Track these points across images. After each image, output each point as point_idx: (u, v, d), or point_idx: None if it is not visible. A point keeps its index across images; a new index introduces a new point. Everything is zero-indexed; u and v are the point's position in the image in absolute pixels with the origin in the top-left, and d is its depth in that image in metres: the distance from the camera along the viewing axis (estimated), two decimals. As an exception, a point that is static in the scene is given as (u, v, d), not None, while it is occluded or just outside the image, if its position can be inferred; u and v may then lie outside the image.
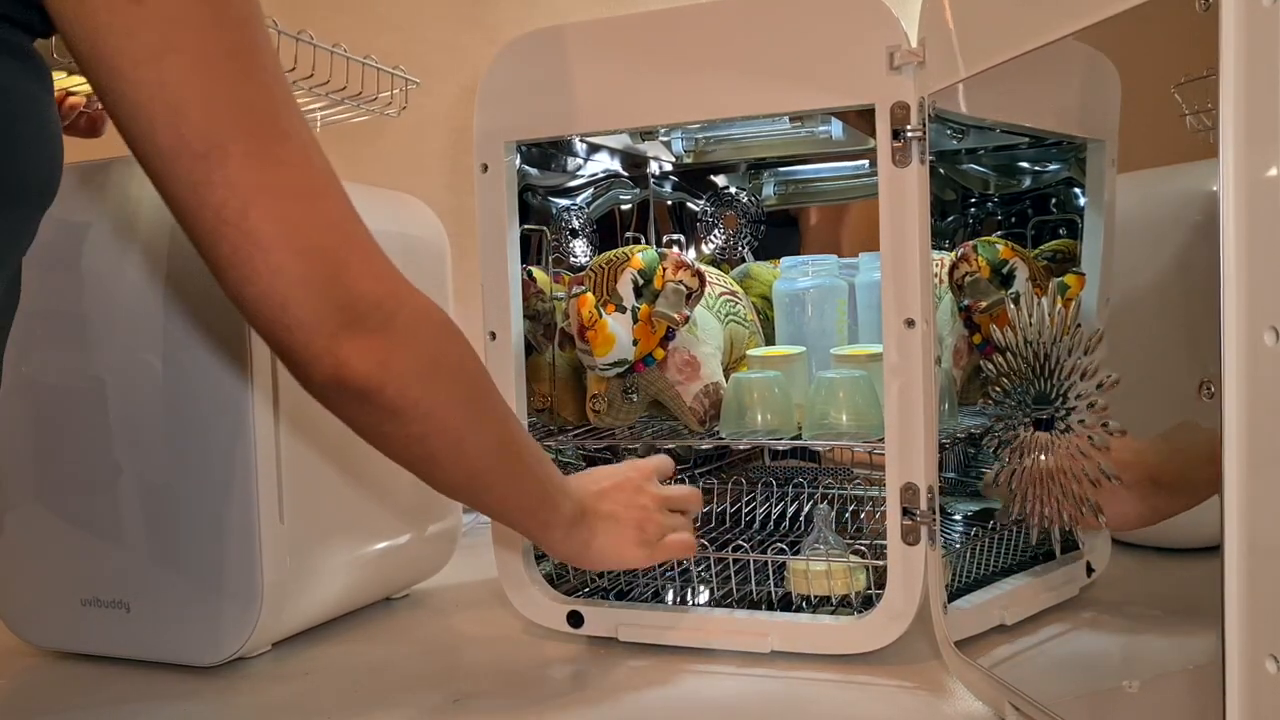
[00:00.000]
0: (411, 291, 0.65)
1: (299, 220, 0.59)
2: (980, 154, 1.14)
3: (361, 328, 0.61)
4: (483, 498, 0.77)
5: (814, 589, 0.95)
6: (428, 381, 0.66)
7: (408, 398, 0.65)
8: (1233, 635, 0.50)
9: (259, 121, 0.58)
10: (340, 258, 0.61)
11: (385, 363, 0.63)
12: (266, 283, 0.59)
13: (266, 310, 0.60)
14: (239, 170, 0.57)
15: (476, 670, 0.92)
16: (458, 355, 0.69)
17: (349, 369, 0.62)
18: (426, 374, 0.66)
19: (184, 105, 0.56)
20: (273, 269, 0.59)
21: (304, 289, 0.59)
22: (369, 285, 0.62)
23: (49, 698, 0.90)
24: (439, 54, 1.64)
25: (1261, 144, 0.49)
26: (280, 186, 0.59)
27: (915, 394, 0.84)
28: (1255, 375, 0.49)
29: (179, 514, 0.90)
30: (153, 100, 0.56)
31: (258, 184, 0.58)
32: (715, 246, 1.31)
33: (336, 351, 0.61)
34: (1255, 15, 0.48)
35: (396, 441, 0.68)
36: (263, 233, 0.58)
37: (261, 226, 0.58)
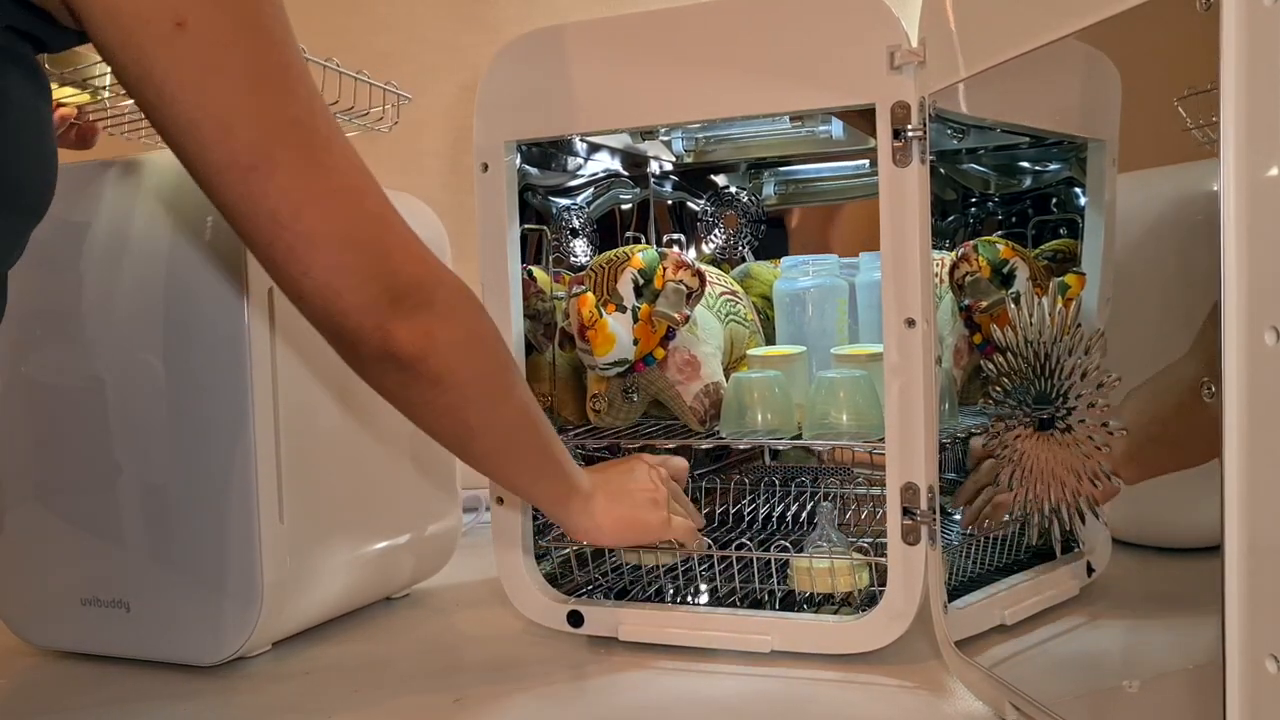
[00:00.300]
0: (447, 272, 0.71)
1: (347, 218, 0.65)
2: (981, 154, 1.14)
3: (407, 306, 0.68)
4: (509, 468, 0.83)
5: (817, 587, 0.95)
6: (465, 353, 0.72)
7: (448, 367, 0.71)
8: (1233, 634, 0.50)
9: (302, 132, 0.63)
10: (385, 247, 0.67)
11: (429, 334, 0.69)
12: (322, 276, 0.65)
13: (322, 300, 0.66)
14: (289, 179, 0.62)
15: (477, 670, 0.92)
16: (490, 331, 0.76)
17: (397, 342, 0.68)
18: (464, 346, 0.72)
19: (233, 123, 0.61)
20: (327, 264, 0.64)
21: (356, 277, 0.65)
22: (411, 268, 0.68)
23: (49, 697, 0.90)
24: (439, 53, 1.64)
25: (1262, 144, 0.49)
26: (327, 189, 0.64)
27: (915, 394, 0.84)
28: (1255, 375, 0.49)
29: (179, 514, 0.90)
30: (202, 120, 0.60)
31: (307, 190, 0.63)
32: (715, 246, 1.31)
33: (386, 328, 0.67)
34: (1256, 15, 0.48)
35: (436, 410, 0.74)
36: (316, 232, 0.64)
37: (315, 227, 0.64)
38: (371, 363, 0.70)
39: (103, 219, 0.92)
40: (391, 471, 1.06)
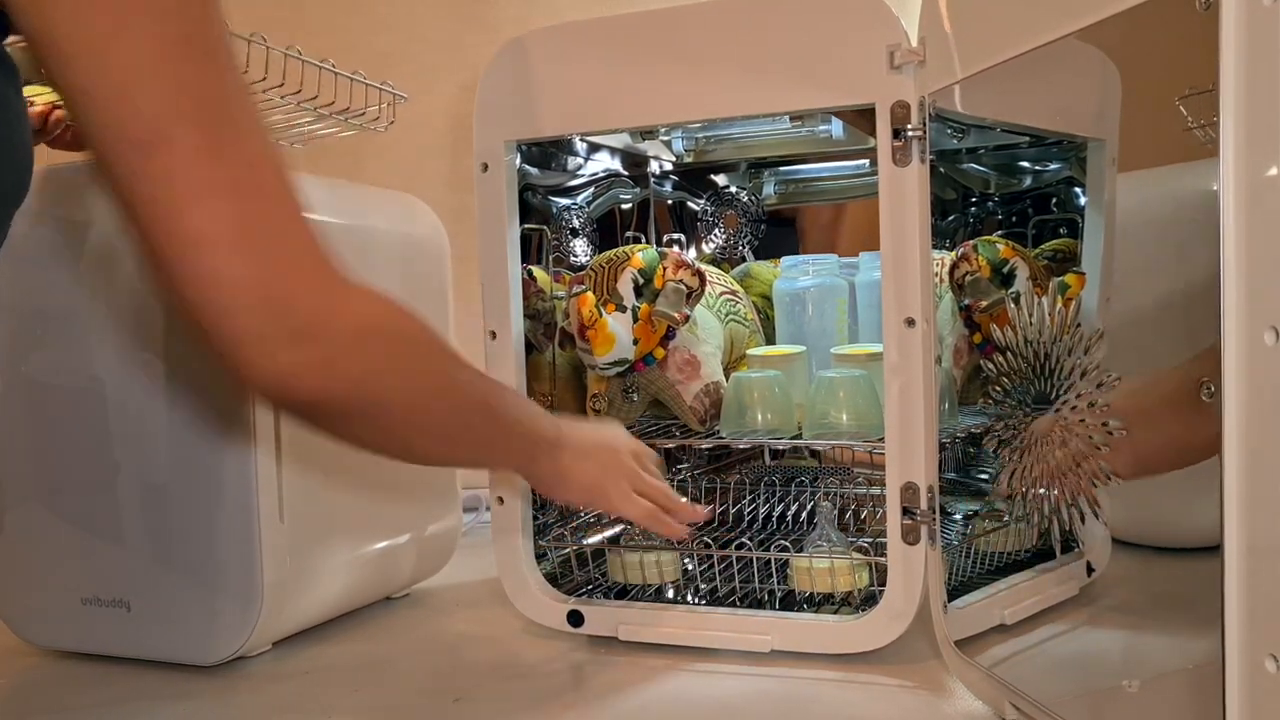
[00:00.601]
0: (354, 292, 0.61)
1: (239, 221, 0.56)
2: (980, 153, 1.14)
3: (302, 338, 0.58)
4: (464, 458, 0.81)
5: (817, 586, 0.95)
6: (377, 380, 0.63)
7: (359, 400, 0.63)
8: (1233, 634, 0.50)
9: (209, 114, 0.55)
10: (280, 260, 0.57)
11: (330, 372, 0.60)
12: (205, 286, 0.55)
13: (206, 317, 0.56)
14: (183, 164, 0.54)
15: (476, 669, 0.92)
16: (409, 344, 0.66)
17: (293, 383, 0.59)
18: (375, 374, 0.63)
19: (130, 91, 0.53)
20: (210, 272, 0.55)
21: (244, 295, 0.56)
22: (310, 291, 0.59)
23: (49, 697, 0.90)
24: (439, 53, 1.64)
25: (1262, 144, 0.49)
26: (224, 182, 0.55)
27: (915, 393, 0.84)
28: (1255, 375, 0.49)
29: (179, 513, 0.90)
30: (99, 85, 0.53)
31: (202, 180, 0.55)
32: (715, 246, 1.31)
33: (279, 365, 0.58)
34: (1255, 15, 0.48)
35: (359, 436, 0.67)
36: (203, 232, 0.55)
37: (201, 225, 0.55)
38: (271, 399, 0.61)
39: (102, 218, 0.92)
40: (392, 471, 1.06)
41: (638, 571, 0.99)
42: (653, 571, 0.99)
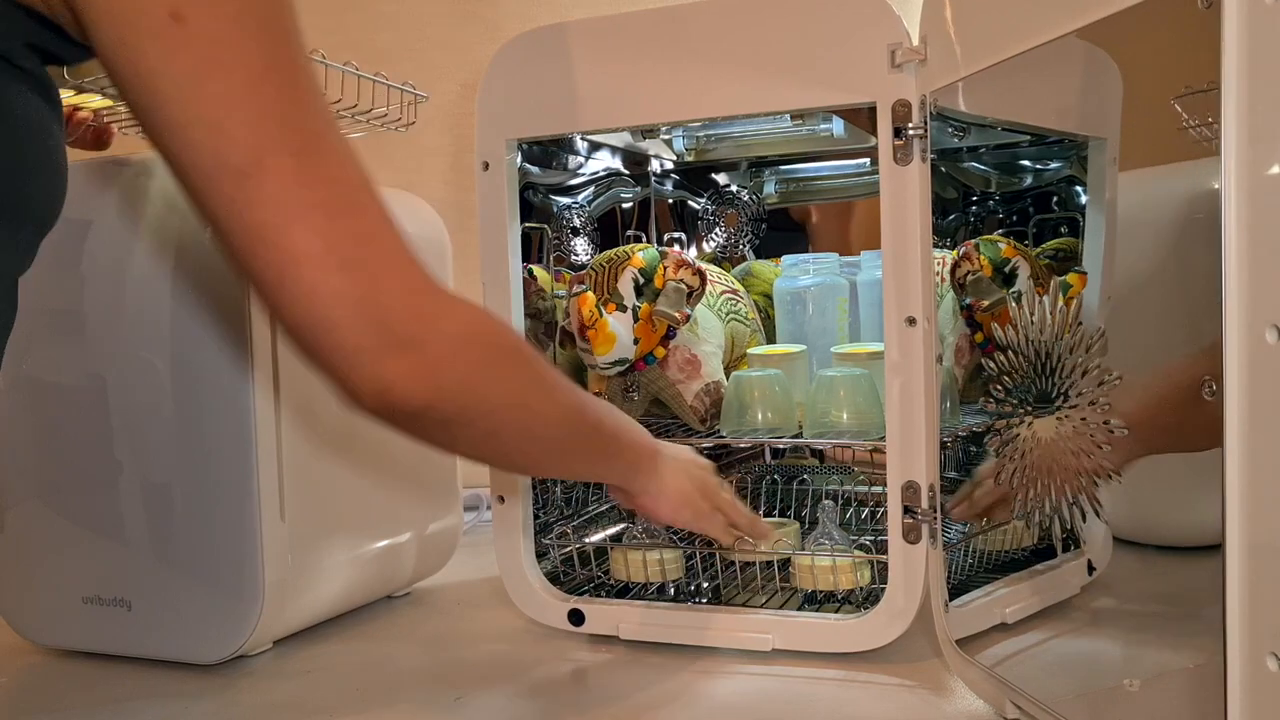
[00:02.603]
0: (450, 300, 0.64)
1: (340, 237, 0.58)
2: (982, 152, 1.14)
3: (404, 346, 0.60)
4: (566, 468, 0.83)
5: (819, 584, 0.95)
6: (480, 386, 0.65)
7: (463, 406, 0.64)
8: (1234, 633, 0.50)
9: (300, 138, 0.58)
10: (377, 274, 0.60)
11: (433, 379, 0.61)
12: (306, 303, 0.58)
13: (309, 332, 0.59)
14: (280, 188, 0.57)
15: (477, 668, 0.92)
16: (505, 352, 0.68)
17: (398, 391, 0.60)
18: (477, 379, 0.65)
19: (226, 124, 0.56)
20: (310, 288, 0.57)
21: (344, 308, 0.58)
22: (406, 300, 0.61)
23: (50, 696, 0.90)
24: (440, 51, 1.64)
25: (1263, 142, 0.49)
26: (322, 203, 0.58)
27: (916, 392, 0.84)
28: (1256, 373, 0.49)
29: (180, 512, 0.90)
30: (194, 121, 0.56)
31: (299, 201, 0.57)
32: (716, 245, 1.31)
33: (383, 375, 0.60)
34: (1257, 13, 0.48)
35: (465, 444, 0.69)
36: (301, 250, 0.57)
37: (301, 244, 0.57)
38: (374, 410, 0.62)
39: (106, 218, 0.92)
40: (393, 469, 1.06)
41: (639, 570, 0.99)
42: (654, 570, 0.99)
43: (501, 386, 0.67)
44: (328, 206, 0.58)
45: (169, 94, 0.56)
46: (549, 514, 1.09)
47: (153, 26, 0.55)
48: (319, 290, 0.58)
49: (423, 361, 0.61)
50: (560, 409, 0.73)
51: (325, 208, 0.58)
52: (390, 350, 0.59)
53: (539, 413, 0.71)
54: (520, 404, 0.69)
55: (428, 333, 0.61)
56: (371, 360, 0.59)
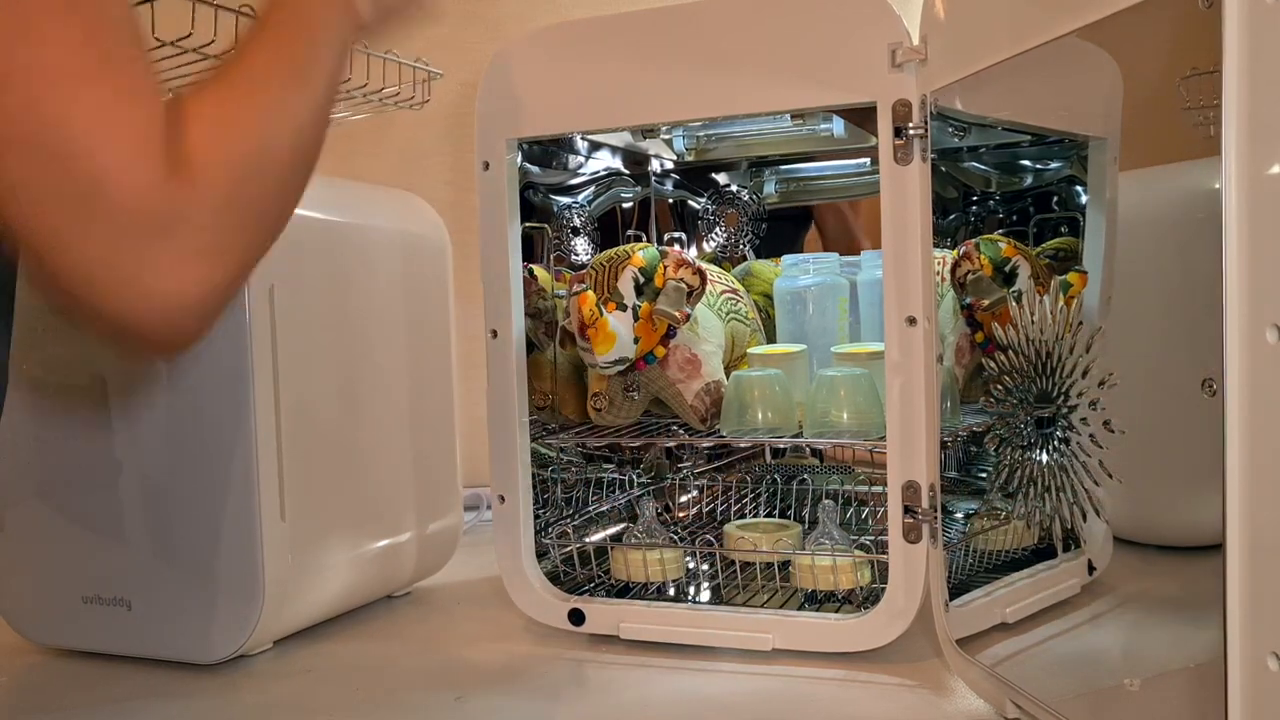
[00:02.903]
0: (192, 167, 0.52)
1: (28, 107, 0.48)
2: (982, 152, 1.14)
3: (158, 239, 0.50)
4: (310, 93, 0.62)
5: (819, 584, 0.95)
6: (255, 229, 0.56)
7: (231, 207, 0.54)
8: (1234, 633, 0.50)
9: None
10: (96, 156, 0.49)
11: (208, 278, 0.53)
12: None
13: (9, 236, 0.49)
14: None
15: (478, 668, 0.92)
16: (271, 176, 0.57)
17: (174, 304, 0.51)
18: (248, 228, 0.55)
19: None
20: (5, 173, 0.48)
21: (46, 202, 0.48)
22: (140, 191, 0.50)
23: (50, 695, 0.90)
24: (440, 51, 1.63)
25: (1264, 142, 0.49)
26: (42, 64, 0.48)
27: (917, 392, 0.84)
28: (1257, 373, 0.49)
29: (180, 512, 0.90)
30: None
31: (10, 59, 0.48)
32: (716, 244, 1.31)
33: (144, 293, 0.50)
34: (1258, 13, 0.48)
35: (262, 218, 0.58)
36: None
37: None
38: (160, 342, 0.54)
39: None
40: (393, 469, 1.06)
41: (639, 570, 0.99)
42: (655, 569, 0.99)
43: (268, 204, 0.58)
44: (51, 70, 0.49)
45: None
46: (549, 513, 1.09)
47: None
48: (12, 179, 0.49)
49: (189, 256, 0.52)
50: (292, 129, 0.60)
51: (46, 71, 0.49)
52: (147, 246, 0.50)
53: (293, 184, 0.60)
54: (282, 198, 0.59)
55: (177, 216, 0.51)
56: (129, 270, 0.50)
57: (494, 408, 0.98)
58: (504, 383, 0.97)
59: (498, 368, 0.97)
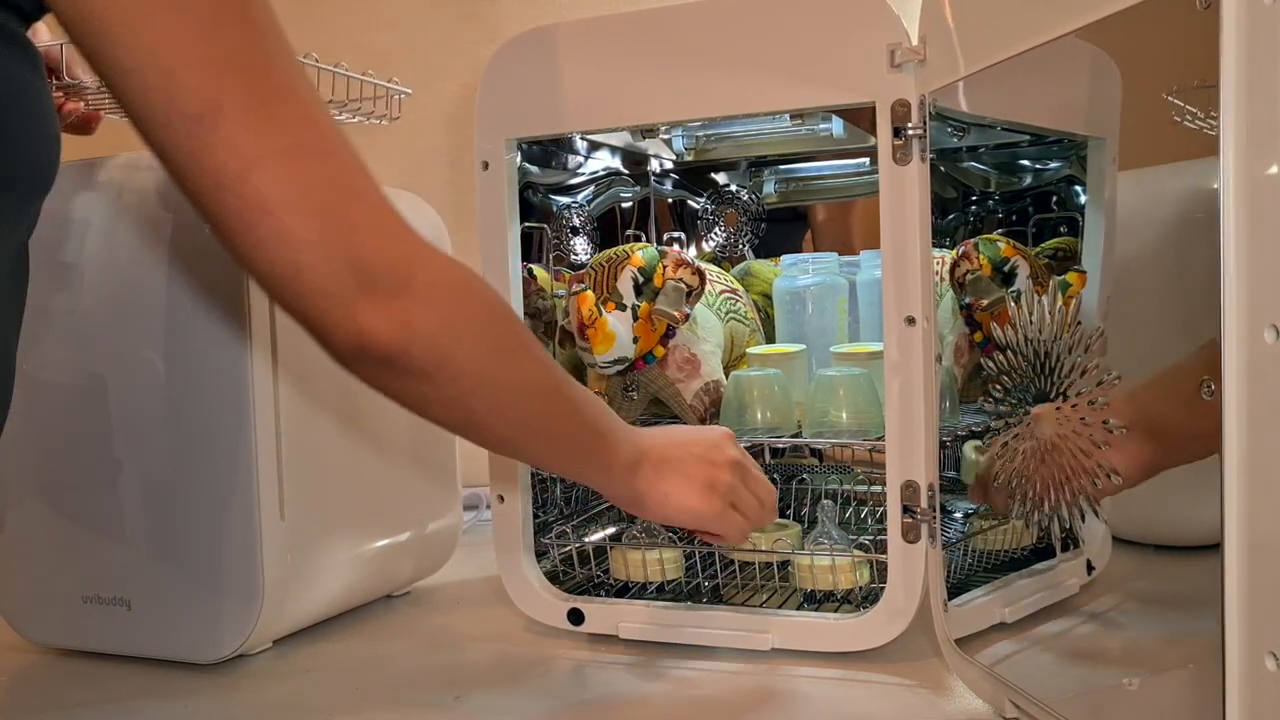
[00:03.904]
0: (429, 250, 0.63)
1: (302, 181, 0.57)
2: (981, 152, 1.14)
3: (379, 291, 0.59)
4: (533, 449, 0.74)
5: (819, 584, 0.95)
6: (454, 341, 0.63)
7: (436, 358, 0.62)
8: (1232, 633, 0.50)
9: (255, 79, 0.56)
10: (349, 218, 0.58)
11: (408, 324, 0.60)
12: (274, 249, 0.57)
13: (279, 280, 0.58)
14: (236, 131, 0.55)
15: (477, 667, 0.92)
16: (486, 308, 0.66)
17: (370, 334, 0.59)
18: (453, 333, 0.63)
19: (175, 66, 0.54)
20: (279, 234, 0.56)
21: (314, 253, 0.57)
22: (382, 245, 0.60)
23: (50, 695, 0.90)
24: (439, 51, 1.64)
25: (1262, 142, 0.49)
26: (281, 147, 0.56)
27: (916, 392, 0.84)
28: (1256, 373, 0.49)
29: (180, 511, 0.90)
30: (144, 63, 0.54)
31: (257, 145, 0.56)
32: (716, 244, 1.31)
33: (356, 317, 0.59)
34: (1256, 14, 0.48)
35: (435, 405, 0.66)
36: (266, 196, 0.56)
37: (264, 189, 0.56)
38: (345, 358, 0.61)
39: (103, 215, 0.92)
40: (392, 469, 1.06)
41: (639, 569, 0.99)
42: (654, 569, 0.99)
43: (478, 345, 0.65)
44: (290, 151, 0.57)
45: (117, 38, 0.54)
46: (549, 513, 1.09)
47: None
48: (287, 237, 0.56)
49: (399, 306, 0.60)
50: (537, 383, 0.70)
51: (287, 153, 0.57)
52: (365, 294, 0.58)
53: (514, 382, 0.68)
54: (496, 367, 0.67)
55: (404, 278, 0.60)
56: (345, 304, 0.58)
57: (493, 407, 0.98)
58: (503, 382, 0.97)
59: (497, 367, 0.97)
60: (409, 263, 0.61)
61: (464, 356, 0.64)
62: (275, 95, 0.57)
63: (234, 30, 0.56)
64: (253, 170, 0.55)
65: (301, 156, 0.57)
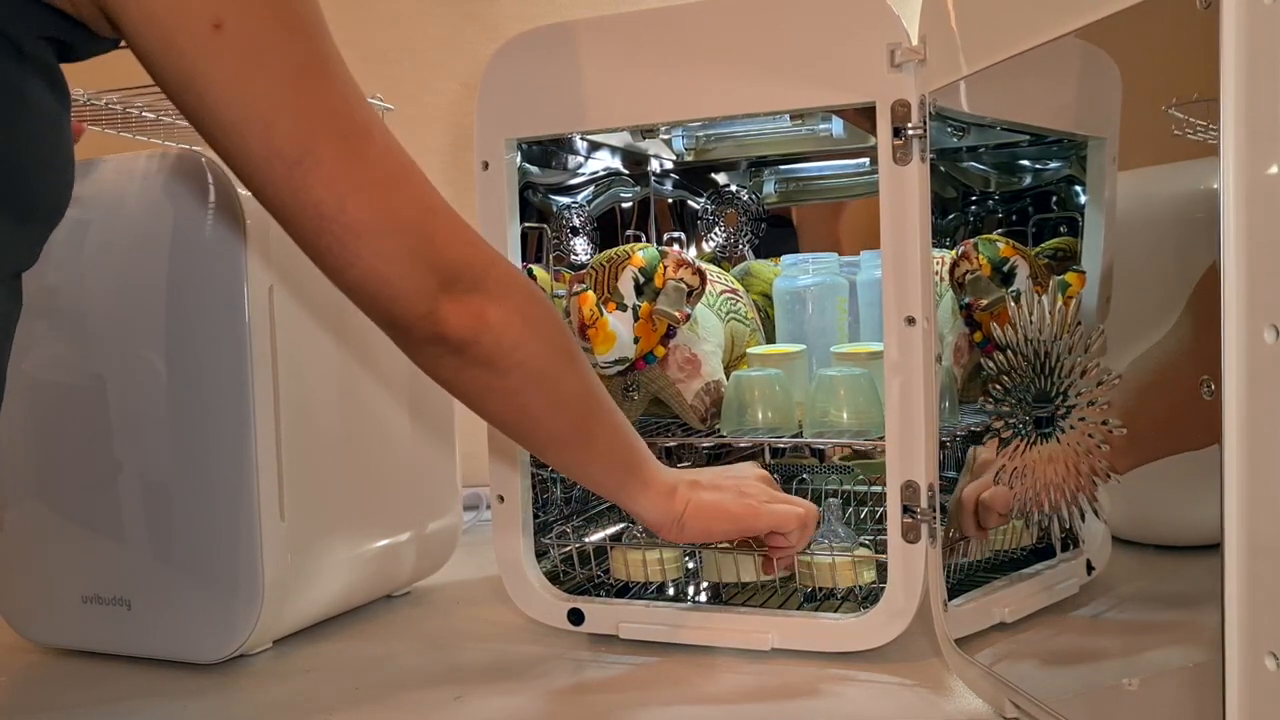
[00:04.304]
0: (497, 255, 0.73)
1: (390, 205, 0.66)
2: (981, 152, 1.14)
3: (456, 287, 0.69)
4: (578, 454, 0.81)
5: (818, 582, 0.95)
6: (520, 334, 0.72)
7: (502, 349, 0.71)
8: (1232, 633, 0.50)
9: (342, 124, 0.64)
10: (429, 231, 0.68)
11: (481, 316, 0.69)
12: (368, 264, 0.66)
13: (370, 289, 0.67)
14: (332, 171, 0.63)
15: (477, 667, 0.92)
16: (546, 314, 0.75)
17: (448, 324, 0.68)
18: (519, 326, 0.72)
19: (274, 119, 0.62)
20: (372, 252, 0.65)
21: (402, 263, 0.66)
22: (458, 251, 0.69)
23: (50, 695, 0.90)
24: (440, 50, 1.64)
25: (1262, 142, 0.49)
26: (371, 179, 0.65)
27: (916, 391, 0.84)
28: (1255, 373, 0.49)
29: (180, 511, 0.90)
30: (245, 118, 0.61)
31: (350, 180, 0.64)
32: (716, 244, 1.31)
33: (437, 311, 0.68)
34: (1256, 13, 0.48)
35: (495, 394, 0.74)
36: (360, 222, 0.64)
37: (359, 217, 0.64)
38: (424, 347, 0.70)
39: (102, 215, 0.92)
40: (392, 469, 1.06)
41: (639, 569, 0.99)
42: (654, 569, 0.99)
43: (539, 341, 0.73)
44: (377, 181, 0.66)
45: (218, 96, 0.61)
46: (549, 513, 1.09)
47: (196, 36, 0.59)
48: (381, 253, 0.66)
49: (476, 300, 0.69)
50: (587, 387, 0.78)
51: (375, 183, 0.65)
52: (446, 291, 0.68)
53: (568, 381, 0.76)
54: (553, 364, 0.75)
55: (479, 278, 0.70)
56: (430, 299, 0.68)
57: (493, 407, 0.98)
58: (503, 382, 0.97)
59: (497, 367, 0.97)
60: (481, 265, 0.71)
61: (526, 350, 0.72)
62: (359, 136, 0.65)
63: (318, 83, 0.64)
64: (348, 201, 0.64)
65: (387, 185, 0.66)
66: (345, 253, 0.65)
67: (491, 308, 0.70)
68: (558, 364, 0.75)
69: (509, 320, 0.71)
